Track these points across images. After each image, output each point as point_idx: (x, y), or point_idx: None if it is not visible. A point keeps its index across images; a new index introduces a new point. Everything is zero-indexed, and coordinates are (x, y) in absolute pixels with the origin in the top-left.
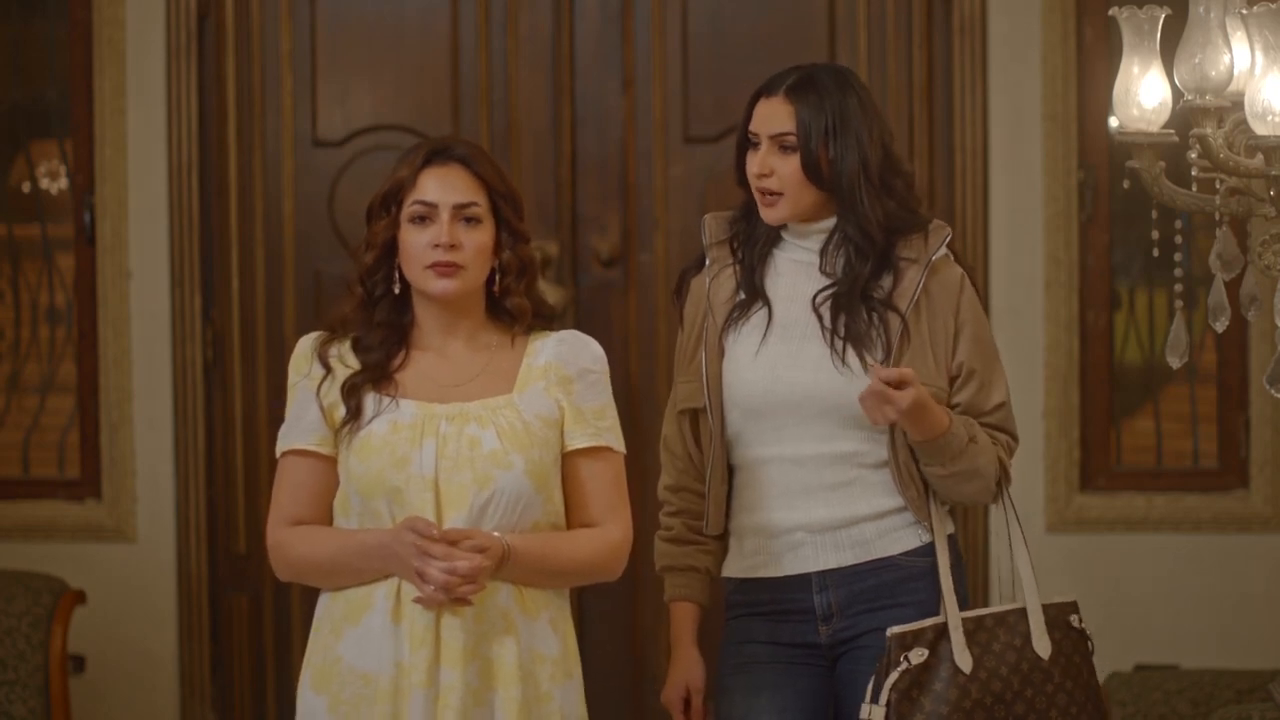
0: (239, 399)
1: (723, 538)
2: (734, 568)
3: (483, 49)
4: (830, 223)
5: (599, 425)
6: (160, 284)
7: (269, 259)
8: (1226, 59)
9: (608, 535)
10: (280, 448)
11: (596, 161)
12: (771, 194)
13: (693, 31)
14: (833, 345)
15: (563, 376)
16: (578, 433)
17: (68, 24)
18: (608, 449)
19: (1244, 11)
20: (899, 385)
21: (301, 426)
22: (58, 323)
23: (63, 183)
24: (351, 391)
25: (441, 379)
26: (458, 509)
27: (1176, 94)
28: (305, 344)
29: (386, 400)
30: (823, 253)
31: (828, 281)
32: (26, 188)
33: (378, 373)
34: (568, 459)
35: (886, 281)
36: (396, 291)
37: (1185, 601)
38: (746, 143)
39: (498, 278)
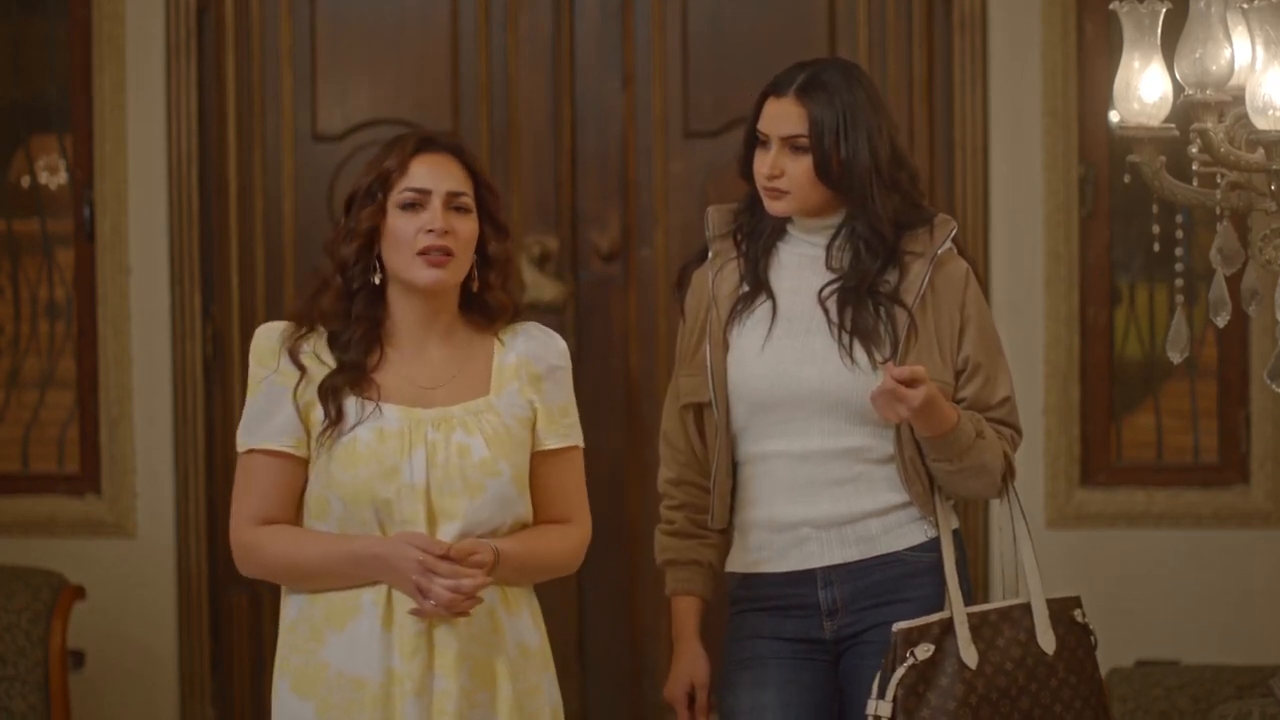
0: (238, 395)
1: (725, 532)
2: (738, 562)
3: (482, 45)
4: (837, 218)
5: (564, 423)
6: (160, 280)
7: (269, 255)
8: (1227, 53)
9: (577, 532)
10: (245, 444)
11: (596, 157)
12: (780, 191)
13: (693, 28)
14: (840, 340)
15: (533, 374)
16: (549, 433)
17: (67, 20)
18: (574, 447)
19: (1245, 6)
20: (911, 383)
21: (273, 426)
22: (57, 318)
23: (62, 178)
24: (332, 394)
25: (420, 381)
26: (450, 519)
27: (1177, 89)
28: (271, 336)
29: (369, 405)
30: (829, 248)
31: (833, 276)
32: (26, 183)
33: (356, 373)
34: (537, 457)
35: (892, 276)
36: (376, 282)
37: (1186, 597)
38: (754, 137)
39: (477, 272)
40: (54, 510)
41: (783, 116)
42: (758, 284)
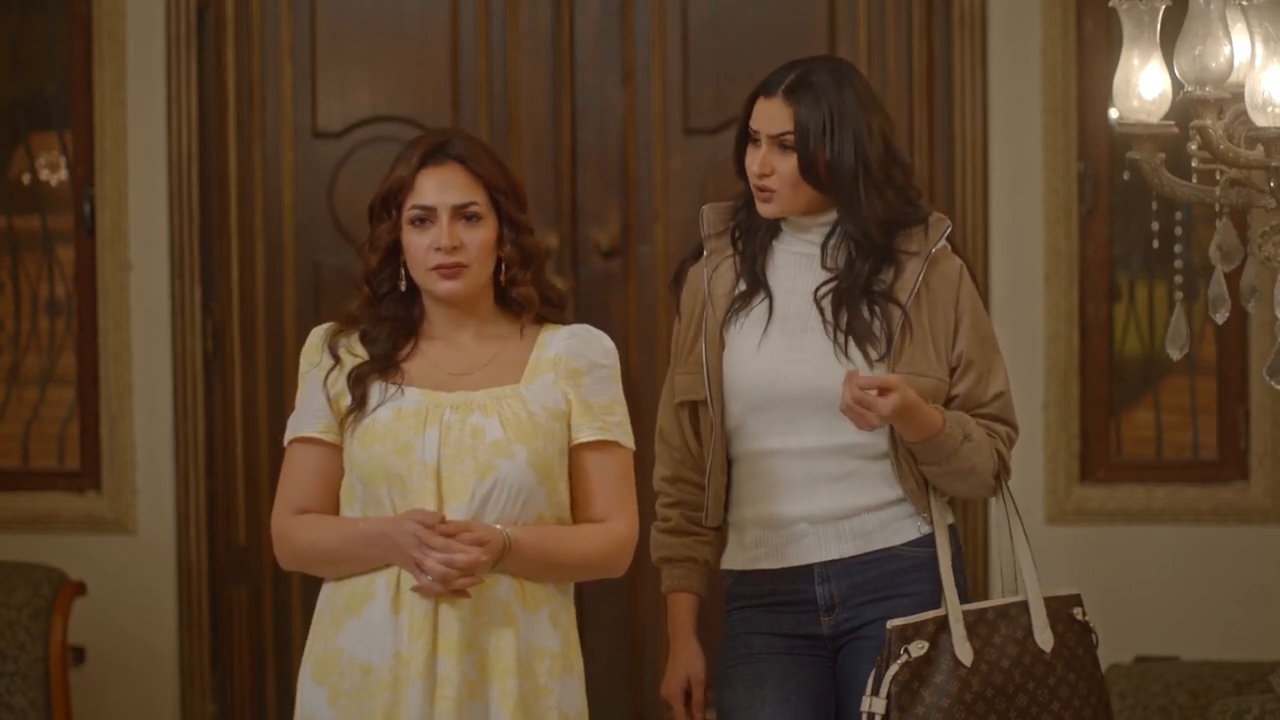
0: (239, 390)
1: (720, 529)
2: (735, 560)
3: (482, 41)
4: (831, 215)
5: (607, 420)
6: (160, 276)
7: (269, 250)
8: (1227, 50)
9: (613, 531)
10: (288, 436)
11: (596, 153)
12: (769, 190)
13: (693, 24)
14: (835, 339)
15: (572, 369)
16: (585, 426)
17: (67, 16)
18: (615, 444)
19: (1244, 3)
20: (882, 391)
21: (308, 414)
22: (58, 314)
23: (62, 175)
24: (357, 381)
25: (449, 368)
26: (459, 498)
27: (1177, 85)
28: (317, 334)
29: (392, 388)
30: (824, 247)
31: (828, 275)
32: (26, 180)
33: (384, 363)
34: (574, 452)
35: (887, 274)
36: (403, 289)
37: (1185, 593)
38: (746, 136)
39: (503, 268)
40: (54, 506)
41: (770, 115)
42: (755, 282)
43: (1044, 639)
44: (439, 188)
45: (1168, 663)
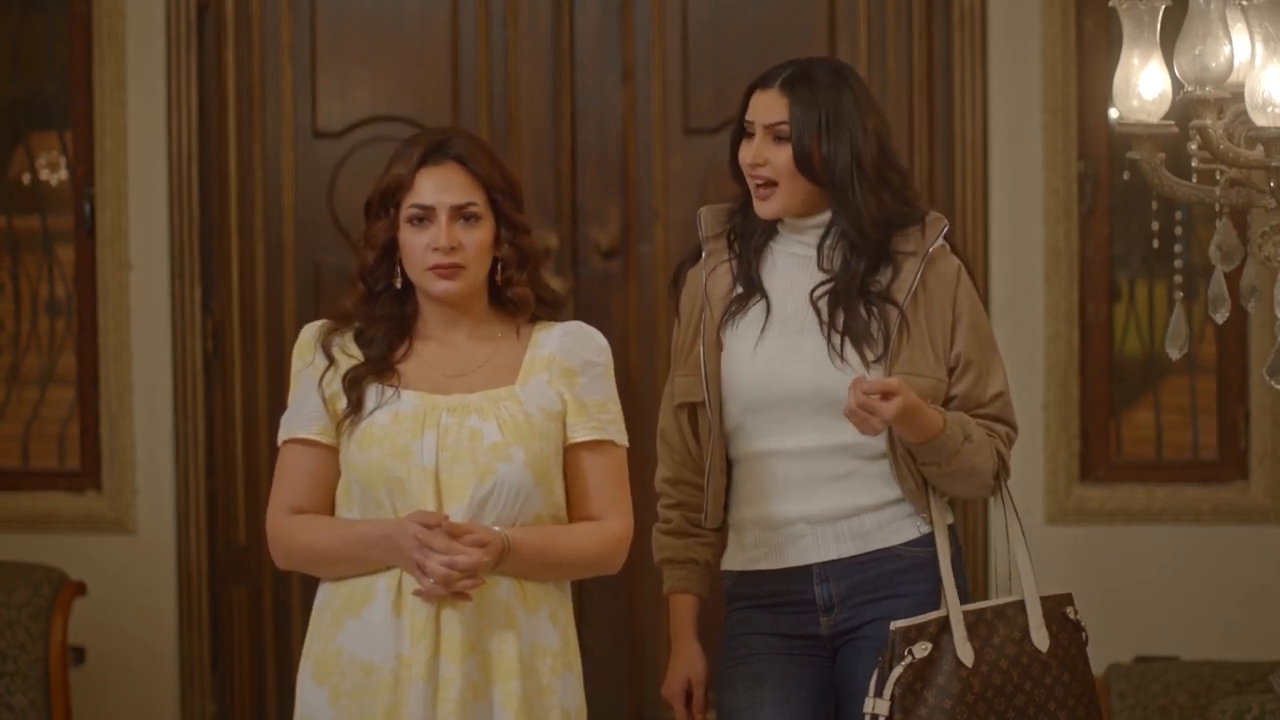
0: (239, 390)
1: (721, 530)
2: (734, 560)
3: (482, 40)
4: (826, 217)
5: (601, 418)
6: (160, 275)
7: (269, 250)
8: (1227, 50)
9: (608, 529)
10: (282, 435)
11: (596, 153)
12: (766, 185)
13: (693, 23)
14: (831, 340)
15: (566, 369)
16: (580, 425)
17: (67, 16)
18: (610, 442)
19: (1244, 3)
20: (886, 394)
21: (303, 415)
22: (58, 314)
23: (62, 174)
24: (353, 384)
25: (445, 369)
26: (458, 500)
27: (1176, 85)
28: (309, 332)
29: (389, 391)
30: (820, 248)
31: (825, 277)
32: (26, 180)
33: (380, 364)
34: (569, 451)
35: (885, 275)
36: (399, 286)
37: (1185, 593)
38: (742, 133)
39: (499, 268)
40: (54, 506)
41: (767, 106)
42: (751, 284)
43: (1040, 639)
44: (438, 187)
45: (1168, 663)
